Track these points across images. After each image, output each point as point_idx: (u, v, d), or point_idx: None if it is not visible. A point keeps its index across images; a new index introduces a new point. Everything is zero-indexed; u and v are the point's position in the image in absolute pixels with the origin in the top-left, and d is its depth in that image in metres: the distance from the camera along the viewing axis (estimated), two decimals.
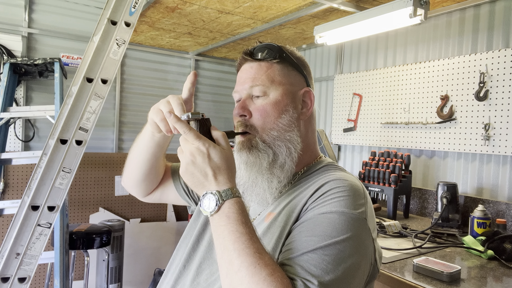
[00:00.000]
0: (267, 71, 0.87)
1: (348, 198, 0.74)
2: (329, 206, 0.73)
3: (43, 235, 1.66)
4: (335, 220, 0.70)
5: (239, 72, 0.92)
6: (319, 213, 0.73)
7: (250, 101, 0.87)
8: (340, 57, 2.98)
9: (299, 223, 0.74)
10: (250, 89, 0.87)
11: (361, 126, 2.73)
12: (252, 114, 0.86)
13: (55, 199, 1.68)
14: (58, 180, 1.67)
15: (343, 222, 0.70)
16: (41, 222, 1.66)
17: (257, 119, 0.86)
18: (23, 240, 1.63)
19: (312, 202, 0.76)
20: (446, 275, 1.24)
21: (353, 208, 0.73)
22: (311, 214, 0.74)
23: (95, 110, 1.73)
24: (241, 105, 0.87)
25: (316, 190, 0.78)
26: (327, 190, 0.76)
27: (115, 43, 1.75)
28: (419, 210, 2.30)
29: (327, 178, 0.81)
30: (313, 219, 0.72)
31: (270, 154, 0.84)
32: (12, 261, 1.61)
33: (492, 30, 2.01)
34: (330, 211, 0.72)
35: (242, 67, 0.92)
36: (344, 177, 0.81)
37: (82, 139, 1.72)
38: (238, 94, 0.90)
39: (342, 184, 0.77)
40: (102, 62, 1.73)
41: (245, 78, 0.88)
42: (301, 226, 0.73)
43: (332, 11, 2.26)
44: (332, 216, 0.71)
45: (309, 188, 0.82)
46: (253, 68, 0.88)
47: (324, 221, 0.71)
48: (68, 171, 1.69)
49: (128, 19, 1.78)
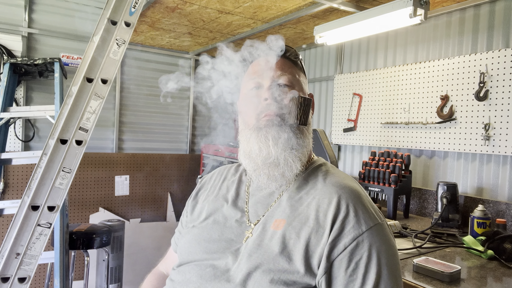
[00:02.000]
0: (291, 67, 0.94)
1: (362, 212, 0.79)
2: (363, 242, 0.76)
3: (43, 235, 1.66)
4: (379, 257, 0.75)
5: (257, 62, 0.96)
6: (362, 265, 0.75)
7: (276, 87, 0.90)
8: (340, 57, 2.98)
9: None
10: (277, 77, 0.91)
11: (361, 126, 2.73)
12: (283, 98, 0.89)
13: (55, 199, 1.68)
14: (58, 180, 1.67)
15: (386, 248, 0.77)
16: (41, 222, 1.66)
17: (286, 103, 0.89)
18: (23, 240, 1.63)
19: (335, 239, 0.77)
20: (446, 275, 1.24)
21: (372, 219, 0.79)
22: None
23: (95, 110, 1.73)
24: (272, 91, 0.90)
25: (334, 218, 0.79)
26: (345, 216, 0.78)
27: (115, 43, 1.75)
28: (419, 210, 2.30)
29: (332, 189, 0.84)
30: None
31: (298, 134, 0.88)
32: (12, 261, 1.61)
33: (492, 30, 2.01)
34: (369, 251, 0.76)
35: (261, 59, 0.95)
36: (345, 182, 0.86)
37: (82, 139, 1.72)
38: (260, 80, 0.92)
39: (355, 199, 0.81)
40: (102, 62, 1.73)
41: (268, 68, 0.92)
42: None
43: (332, 11, 2.26)
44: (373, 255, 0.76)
45: (316, 198, 0.84)
46: (279, 61, 0.93)
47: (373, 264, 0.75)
48: (68, 171, 1.69)
49: (128, 19, 1.78)
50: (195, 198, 1.07)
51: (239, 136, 0.96)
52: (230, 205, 0.95)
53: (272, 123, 0.87)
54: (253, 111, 0.90)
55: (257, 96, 0.91)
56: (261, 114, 0.88)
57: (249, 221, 0.90)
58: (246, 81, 0.96)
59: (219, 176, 1.08)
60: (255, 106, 0.90)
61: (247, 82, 0.95)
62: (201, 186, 1.10)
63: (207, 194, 1.04)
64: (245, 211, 0.93)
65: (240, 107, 0.99)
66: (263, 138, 0.86)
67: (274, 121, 0.87)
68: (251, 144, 0.88)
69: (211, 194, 1.03)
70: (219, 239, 0.89)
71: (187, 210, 1.07)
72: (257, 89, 0.92)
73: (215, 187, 1.05)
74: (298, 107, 0.88)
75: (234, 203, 0.96)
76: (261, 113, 0.89)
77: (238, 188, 1.00)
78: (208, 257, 0.87)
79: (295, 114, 0.87)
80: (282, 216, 0.85)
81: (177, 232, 1.11)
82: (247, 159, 0.91)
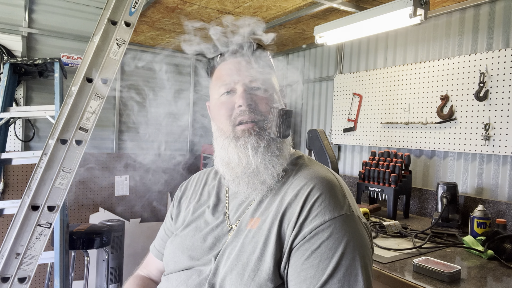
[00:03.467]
0: (262, 66, 0.90)
1: (329, 201, 0.78)
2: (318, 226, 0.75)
3: (43, 235, 1.66)
4: (328, 243, 0.74)
5: (226, 65, 0.92)
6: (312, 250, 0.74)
7: (249, 92, 0.88)
8: (340, 57, 2.98)
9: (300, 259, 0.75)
10: (250, 81, 0.88)
11: (361, 126, 2.73)
12: (258, 103, 0.87)
13: (55, 199, 1.68)
14: (58, 180, 1.67)
15: (335, 239, 0.74)
16: (41, 222, 1.66)
17: (263, 108, 0.87)
18: (23, 240, 1.63)
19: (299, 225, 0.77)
20: (446, 275, 1.24)
21: (338, 209, 0.77)
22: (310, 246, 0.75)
23: (95, 110, 1.73)
24: (246, 95, 0.87)
25: (301, 208, 0.78)
26: (311, 205, 0.78)
27: (115, 43, 1.75)
28: (419, 210, 2.30)
29: (303, 181, 0.83)
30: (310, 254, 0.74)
31: (277, 140, 0.88)
32: (12, 261, 1.61)
33: (492, 30, 2.01)
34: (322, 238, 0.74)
35: (230, 60, 0.92)
36: (317, 173, 0.84)
37: (82, 139, 1.71)
38: (233, 85, 0.89)
39: (324, 188, 0.80)
40: (102, 62, 1.73)
41: (239, 71, 0.89)
42: (302, 264, 0.74)
43: (332, 11, 2.26)
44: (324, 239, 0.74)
45: (288, 192, 0.83)
46: (247, 63, 0.90)
47: (323, 250, 0.73)
48: (68, 171, 1.69)
49: (128, 19, 1.78)
50: (178, 207, 1.06)
51: (214, 142, 0.94)
52: (211, 211, 0.95)
53: (250, 132, 0.85)
54: (227, 119, 0.88)
55: (230, 103, 0.88)
56: (236, 121, 0.86)
57: (230, 224, 0.90)
58: (217, 85, 0.93)
59: (200, 182, 1.08)
60: (229, 113, 0.88)
61: (217, 86, 0.92)
62: (183, 193, 1.09)
63: (189, 201, 1.04)
64: (226, 215, 0.93)
65: (213, 113, 0.96)
66: (242, 147, 0.85)
67: (252, 130, 0.85)
68: (230, 153, 0.87)
69: (193, 201, 1.02)
70: (202, 245, 0.89)
71: (170, 217, 1.07)
72: (228, 94, 0.90)
73: (196, 193, 1.05)
74: (279, 120, 0.84)
75: (215, 208, 0.96)
76: (236, 121, 0.87)
77: (219, 193, 1.00)
78: (193, 264, 0.87)
79: (276, 129, 0.84)
80: (257, 214, 0.86)
81: (159, 239, 1.11)
82: (225, 168, 0.90)
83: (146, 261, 1.16)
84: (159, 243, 1.11)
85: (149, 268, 1.14)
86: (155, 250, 1.12)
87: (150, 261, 1.14)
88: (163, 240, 1.09)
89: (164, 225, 1.12)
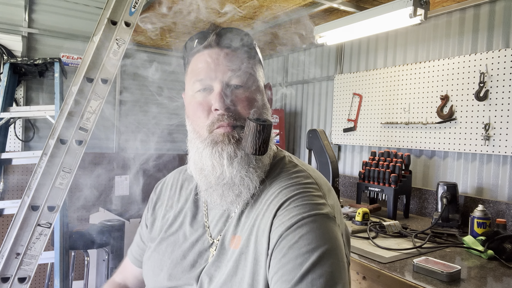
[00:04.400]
0: (245, 59, 0.80)
1: (305, 201, 0.72)
2: (288, 228, 0.69)
3: (43, 235, 1.66)
4: (303, 239, 0.67)
5: (202, 56, 0.81)
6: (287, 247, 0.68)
7: (228, 91, 0.77)
8: (340, 57, 2.98)
9: (276, 267, 0.68)
10: (228, 78, 0.77)
11: (361, 126, 2.73)
12: (236, 105, 0.77)
13: (55, 199, 1.68)
14: (58, 180, 1.67)
15: (309, 238, 0.67)
16: (41, 222, 1.66)
17: (243, 110, 0.77)
18: (23, 240, 1.63)
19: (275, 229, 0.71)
20: (446, 275, 1.24)
21: (311, 209, 0.70)
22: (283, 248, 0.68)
23: (95, 110, 1.73)
24: (223, 96, 0.76)
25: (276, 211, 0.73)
26: (285, 204, 0.73)
27: (115, 43, 1.75)
28: (419, 210, 2.30)
29: (279, 189, 0.77)
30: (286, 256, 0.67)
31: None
32: (12, 261, 1.61)
33: (492, 30, 2.01)
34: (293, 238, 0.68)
35: (206, 52, 0.80)
36: (294, 177, 0.78)
37: (82, 139, 1.71)
38: (209, 82, 0.78)
39: (294, 189, 0.75)
40: (102, 62, 1.73)
41: (217, 65, 0.78)
42: (278, 272, 0.67)
43: (332, 11, 2.26)
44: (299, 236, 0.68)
45: (267, 204, 0.76)
46: (227, 55, 0.79)
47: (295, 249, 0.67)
48: (68, 171, 1.69)
49: (128, 19, 1.78)
50: (153, 213, 0.97)
51: (188, 143, 0.84)
52: (190, 221, 0.87)
53: (229, 139, 0.75)
54: (203, 120, 0.78)
55: (207, 103, 0.78)
56: (214, 125, 0.76)
57: (211, 237, 0.82)
58: (191, 80, 0.82)
59: (175, 184, 0.98)
60: (205, 114, 0.78)
61: (192, 82, 0.81)
62: (158, 198, 0.99)
63: (165, 209, 0.94)
64: (206, 226, 0.85)
65: (187, 110, 0.85)
66: (217, 155, 0.75)
67: (231, 136, 0.75)
68: (203, 159, 0.77)
69: (170, 209, 0.93)
70: (182, 263, 0.81)
71: (145, 224, 0.99)
72: (204, 92, 0.79)
73: (172, 198, 0.95)
74: (255, 136, 0.73)
75: (194, 218, 0.87)
76: (213, 124, 0.77)
77: (196, 201, 0.90)
78: (174, 285, 0.80)
79: (251, 145, 0.74)
80: (238, 231, 0.78)
81: (135, 245, 1.03)
82: (199, 174, 0.81)
83: (123, 265, 1.08)
84: (135, 249, 1.03)
85: (126, 274, 1.06)
86: (132, 256, 1.04)
87: (128, 267, 1.06)
88: (139, 247, 1.01)
89: (140, 230, 1.03)
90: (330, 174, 2.22)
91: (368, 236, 1.70)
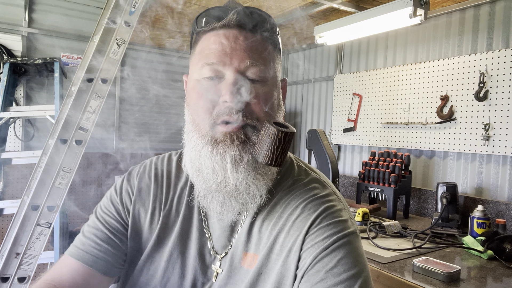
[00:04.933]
0: (266, 49, 0.67)
1: (335, 219, 0.66)
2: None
3: (43, 235, 1.66)
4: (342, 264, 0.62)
5: (216, 36, 0.66)
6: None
7: (243, 83, 0.65)
8: (340, 57, 2.98)
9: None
10: (246, 68, 0.65)
11: (361, 126, 2.73)
12: (251, 100, 0.64)
13: (55, 199, 1.68)
14: (58, 180, 1.67)
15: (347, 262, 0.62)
16: (41, 221, 1.66)
17: (257, 109, 0.65)
18: (23, 240, 1.63)
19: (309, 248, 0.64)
20: (445, 275, 1.24)
21: (343, 228, 0.65)
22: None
23: (95, 110, 1.73)
24: (238, 89, 0.63)
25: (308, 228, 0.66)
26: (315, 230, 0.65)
27: (115, 43, 1.75)
28: (418, 210, 2.30)
29: (303, 201, 0.69)
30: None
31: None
32: (12, 260, 1.61)
33: (492, 30, 2.01)
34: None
35: (222, 32, 0.66)
36: (314, 188, 0.71)
37: (82, 139, 1.71)
38: (221, 69, 0.65)
39: (320, 204, 0.68)
40: (102, 62, 1.73)
41: (234, 50, 0.65)
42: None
43: (332, 11, 2.26)
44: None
45: (297, 222, 0.67)
46: (247, 39, 0.65)
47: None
48: (68, 171, 1.69)
49: (128, 19, 1.78)
50: (133, 213, 0.76)
51: (185, 135, 0.71)
52: (185, 230, 0.73)
53: (232, 139, 0.63)
54: (206, 113, 0.65)
55: (214, 92, 0.65)
56: (218, 118, 0.64)
57: (214, 249, 0.71)
58: (199, 62, 0.67)
59: (161, 179, 0.78)
60: (209, 105, 0.65)
61: (199, 65, 0.67)
62: (137, 194, 0.77)
63: (150, 214, 0.75)
64: (207, 236, 0.72)
65: (189, 97, 0.71)
66: (219, 158, 0.63)
67: (235, 137, 0.63)
68: (202, 159, 0.65)
69: (156, 215, 0.75)
70: (181, 283, 0.70)
71: (116, 218, 0.76)
72: (213, 80, 0.66)
73: (160, 199, 0.76)
74: (274, 144, 0.60)
75: (190, 226, 0.74)
76: (217, 117, 0.64)
77: (191, 204, 0.74)
78: None
79: (266, 154, 0.61)
80: (252, 248, 0.68)
81: (92, 240, 0.74)
82: (196, 175, 0.69)
83: (59, 265, 0.78)
84: (93, 245, 0.74)
85: (62, 271, 0.76)
86: (87, 255, 0.73)
87: (67, 264, 0.76)
88: (106, 242, 0.74)
89: (102, 221, 0.76)
90: (330, 174, 2.22)
91: (368, 236, 1.70)
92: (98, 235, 0.74)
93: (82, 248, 0.74)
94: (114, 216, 0.76)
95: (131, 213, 0.76)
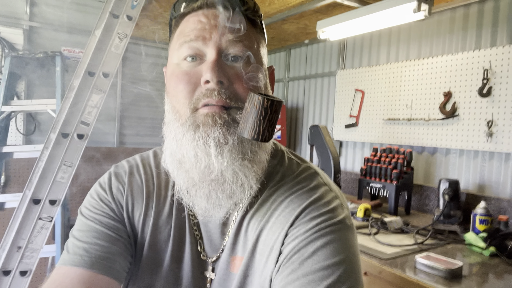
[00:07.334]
0: (249, 29, 0.63)
1: (322, 208, 0.61)
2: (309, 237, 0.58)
3: (45, 228, 1.66)
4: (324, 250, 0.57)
5: (196, 16, 0.63)
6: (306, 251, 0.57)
7: (226, 61, 0.61)
8: (342, 52, 2.96)
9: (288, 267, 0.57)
10: (229, 45, 0.60)
11: (363, 122, 2.72)
12: (234, 80, 0.60)
13: (56, 193, 1.68)
14: (59, 174, 1.67)
15: (331, 250, 0.57)
16: (43, 215, 1.66)
17: (241, 89, 0.60)
18: (25, 234, 1.63)
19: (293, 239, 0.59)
20: (447, 272, 1.24)
21: (329, 218, 0.60)
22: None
23: (97, 104, 1.72)
24: (220, 67, 0.58)
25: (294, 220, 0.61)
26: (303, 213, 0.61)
27: (116, 37, 1.74)
28: (420, 207, 2.29)
29: (290, 197, 0.64)
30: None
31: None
32: (14, 254, 1.61)
33: (496, 26, 1.99)
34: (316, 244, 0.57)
35: (201, 11, 0.63)
36: (304, 184, 0.66)
37: (84, 133, 1.71)
38: (201, 46, 0.60)
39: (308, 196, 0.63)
40: (103, 56, 1.72)
41: (213, 26, 0.61)
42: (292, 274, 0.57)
43: (336, 5, 2.25)
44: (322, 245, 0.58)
45: (275, 215, 0.63)
46: (227, 17, 0.61)
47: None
48: (70, 165, 1.69)
49: (130, 13, 1.77)
50: (127, 214, 0.68)
51: (165, 127, 0.67)
52: (178, 235, 0.68)
53: (214, 120, 0.57)
54: (186, 97, 0.60)
55: (194, 74, 0.60)
56: (199, 102, 0.59)
57: (205, 253, 0.67)
58: (178, 43, 0.63)
59: (149, 180, 0.71)
60: (190, 87, 0.60)
61: (179, 45, 0.62)
62: (128, 194, 0.69)
63: (145, 217, 0.68)
64: (197, 239, 0.67)
65: (168, 86, 0.67)
66: (202, 142, 0.57)
67: (218, 117, 0.58)
68: (184, 148, 0.60)
69: (148, 219, 0.68)
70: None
71: (113, 215, 0.68)
72: (193, 61, 0.61)
73: (151, 203, 0.69)
74: (260, 115, 0.55)
75: (180, 230, 0.68)
76: (198, 100, 0.59)
77: (180, 205, 0.68)
78: None
79: (252, 126, 0.55)
80: (239, 250, 0.63)
81: (94, 243, 0.64)
82: (177, 168, 0.63)
83: (56, 276, 0.62)
84: (98, 249, 0.63)
85: (63, 282, 0.60)
86: (97, 262, 0.62)
87: (79, 279, 0.60)
88: (112, 242, 0.64)
89: (97, 222, 0.66)
90: (332, 170, 2.22)
91: (370, 232, 1.70)
92: (99, 237, 0.65)
93: (85, 254, 0.62)
94: (110, 215, 0.67)
95: (125, 211, 0.68)
